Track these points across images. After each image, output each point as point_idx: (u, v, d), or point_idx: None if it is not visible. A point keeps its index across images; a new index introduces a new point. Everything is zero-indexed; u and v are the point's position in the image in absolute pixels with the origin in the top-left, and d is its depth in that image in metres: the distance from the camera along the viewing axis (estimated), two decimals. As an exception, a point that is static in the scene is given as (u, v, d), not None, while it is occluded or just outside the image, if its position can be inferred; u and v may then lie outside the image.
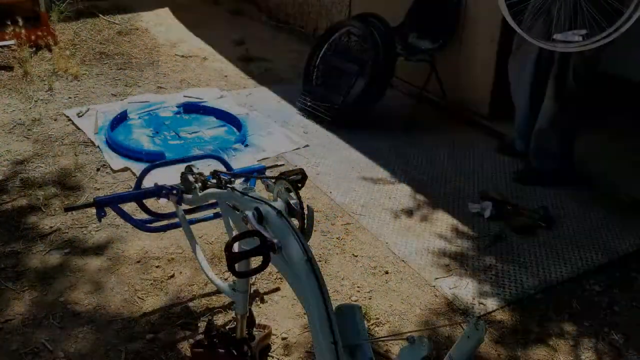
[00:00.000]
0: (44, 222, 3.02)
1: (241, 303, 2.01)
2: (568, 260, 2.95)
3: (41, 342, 2.30)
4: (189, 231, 2.26)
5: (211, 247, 2.91)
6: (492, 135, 4.25)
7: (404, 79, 4.97)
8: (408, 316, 2.55)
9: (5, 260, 2.73)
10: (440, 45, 4.36)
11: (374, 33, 4.16)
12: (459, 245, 3.03)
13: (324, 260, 2.87)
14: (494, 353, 2.39)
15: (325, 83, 4.52)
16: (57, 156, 3.65)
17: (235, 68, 5.31)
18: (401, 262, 2.88)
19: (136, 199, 2.32)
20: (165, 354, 2.27)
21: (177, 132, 4.06)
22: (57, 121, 4.10)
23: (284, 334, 2.41)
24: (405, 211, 3.31)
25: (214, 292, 2.60)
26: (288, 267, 1.36)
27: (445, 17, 4.40)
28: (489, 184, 3.62)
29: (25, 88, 4.55)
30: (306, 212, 1.51)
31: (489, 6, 4.11)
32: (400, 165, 3.80)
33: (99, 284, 2.63)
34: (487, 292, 2.70)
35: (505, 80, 4.22)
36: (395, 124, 4.36)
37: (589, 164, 3.75)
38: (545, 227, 3.18)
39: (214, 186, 1.94)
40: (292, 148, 3.94)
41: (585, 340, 2.48)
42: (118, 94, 4.60)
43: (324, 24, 5.85)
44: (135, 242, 2.91)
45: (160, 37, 5.93)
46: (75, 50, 5.37)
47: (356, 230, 3.12)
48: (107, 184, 3.40)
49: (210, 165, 3.37)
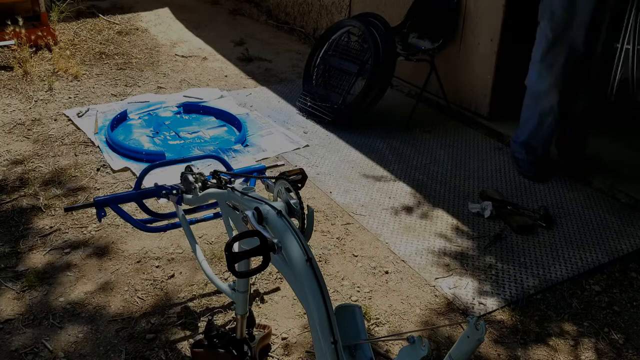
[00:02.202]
0: (44, 222, 3.02)
1: (241, 303, 2.01)
2: (568, 260, 2.95)
3: (41, 342, 2.30)
4: (189, 231, 2.26)
5: (211, 247, 2.91)
6: (492, 136, 4.25)
7: (404, 79, 4.98)
8: (408, 316, 2.55)
9: (5, 260, 2.73)
10: (440, 45, 4.36)
11: (374, 33, 4.16)
12: (459, 245, 3.03)
13: (324, 260, 2.87)
14: (494, 353, 2.39)
15: (325, 83, 4.52)
16: (57, 156, 3.65)
17: (235, 68, 5.31)
18: (401, 262, 2.88)
19: (136, 199, 2.32)
20: (165, 354, 2.27)
21: (177, 132, 4.06)
22: (57, 121, 4.11)
23: (284, 334, 2.41)
24: (405, 211, 3.31)
25: (214, 292, 2.60)
26: (288, 267, 1.36)
27: (445, 17, 4.40)
28: (489, 184, 3.62)
29: (25, 88, 4.55)
30: (306, 212, 1.51)
31: (489, 6, 4.12)
32: (400, 165, 3.80)
33: (98, 284, 2.63)
34: (487, 292, 2.70)
35: (505, 80, 4.23)
36: (395, 124, 4.36)
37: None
38: (545, 227, 3.18)
39: (214, 186, 1.94)
40: (292, 148, 3.94)
41: (585, 340, 2.48)
42: (118, 94, 4.60)
43: (324, 24, 5.86)
44: (135, 242, 2.91)
45: (160, 37, 5.93)
46: (75, 50, 5.37)
47: (356, 230, 3.12)
48: (107, 184, 3.40)
49: (210, 165, 3.40)
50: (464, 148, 4.07)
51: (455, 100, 4.57)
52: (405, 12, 4.61)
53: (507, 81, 4.25)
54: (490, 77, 4.25)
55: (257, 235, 1.36)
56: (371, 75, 4.13)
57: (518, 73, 3.71)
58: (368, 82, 4.14)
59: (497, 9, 4.07)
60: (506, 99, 4.32)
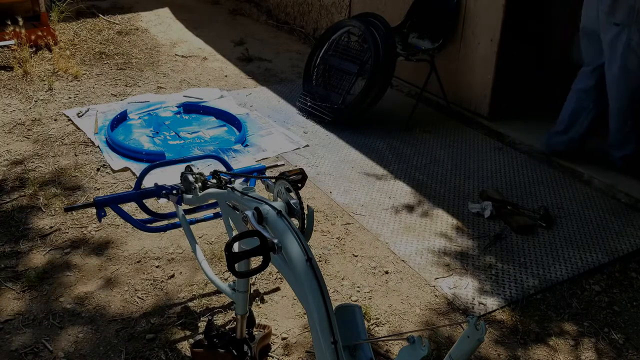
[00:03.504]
0: (44, 222, 3.02)
1: (241, 303, 2.01)
2: (568, 260, 2.95)
3: (41, 342, 2.30)
4: (189, 231, 2.26)
5: (211, 247, 2.91)
6: (492, 136, 4.25)
7: (404, 79, 4.98)
8: (408, 316, 2.55)
9: (5, 260, 2.73)
10: (440, 45, 4.36)
11: (374, 33, 4.16)
12: (459, 245, 3.03)
13: (324, 260, 2.87)
14: (494, 353, 2.39)
15: (325, 83, 4.52)
16: (57, 156, 3.65)
17: (235, 68, 5.31)
18: (401, 262, 2.88)
19: (136, 199, 2.32)
20: (165, 354, 2.27)
21: (177, 132, 4.06)
22: (57, 121, 4.11)
23: (284, 334, 2.41)
24: (405, 211, 3.31)
25: (214, 292, 2.60)
26: (288, 267, 1.36)
27: (445, 17, 4.40)
28: (489, 184, 3.62)
29: (25, 88, 4.55)
30: (306, 212, 1.51)
31: (489, 6, 4.12)
32: (400, 165, 3.80)
33: (98, 284, 2.63)
34: (487, 292, 2.70)
35: (505, 80, 4.23)
36: (395, 124, 4.36)
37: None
38: (545, 227, 3.18)
39: (214, 186, 1.94)
40: (292, 148, 3.94)
41: (585, 340, 2.48)
42: (118, 94, 4.60)
43: (324, 24, 5.86)
44: (135, 242, 2.91)
45: (160, 37, 5.93)
46: (75, 50, 5.37)
47: (356, 230, 3.12)
48: (107, 184, 3.40)
49: (210, 165, 3.40)
50: (464, 148, 4.07)
51: (455, 100, 4.57)
52: (405, 12, 4.61)
53: (507, 81, 4.25)
54: (490, 77, 4.25)
55: (257, 235, 1.36)
56: (371, 75, 4.13)
57: (518, 73, 3.71)
58: (368, 82, 4.14)
59: (497, 9, 4.07)
60: (506, 99, 4.33)
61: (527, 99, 4.57)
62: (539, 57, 4.57)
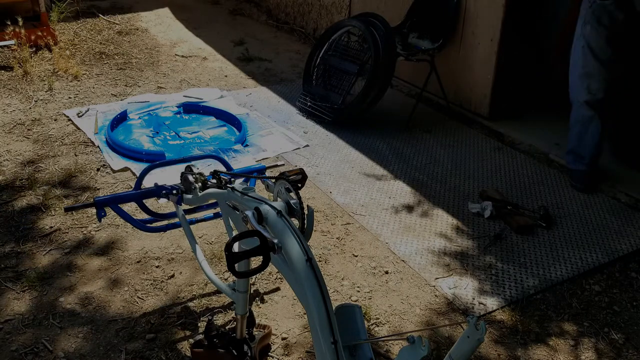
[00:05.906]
0: (44, 222, 3.02)
1: (241, 303, 2.01)
2: (568, 260, 2.95)
3: (41, 342, 2.30)
4: (189, 231, 2.26)
5: (211, 247, 2.91)
6: (492, 135, 4.25)
7: (404, 79, 4.98)
8: (408, 316, 2.55)
9: (5, 260, 2.73)
10: (440, 45, 4.36)
11: (374, 33, 4.16)
12: (459, 245, 3.03)
13: (324, 260, 2.87)
14: (494, 353, 2.39)
15: (325, 83, 4.52)
16: (57, 156, 3.65)
17: (235, 68, 5.31)
18: (401, 262, 2.88)
19: (136, 199, 2.32)
20: (165, 354, 2.27)
21: (177, 132, 4.06)
22: (57, 121, 4.11)
23: (284, 334, 2.41)
24: (405, 211, 3.31)
25: (214, 292, 2.60)
26: (288, 267, 1.36)
27: (445, 16, 4.41)
28: (489, 184, 3.62)
29: (25, 88, 4.55)
30: (306, 212, 1.51)
31: (489, 6, 4.12)
32: (400, 165, 3.80)
33: (99, 284, 2.63)
34: (487, 292, 2.70)
35: (505, 80, 4.23)
36: (395, 124, 4.36)
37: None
38: (545, 227, 3.18)
39: (214, 186, 1.94)
40: (292, 148, 3.94)
41: (585, 340, 2.48)
42: (118, 94, 4.60)
43: (324, 24, 5.86)
44: (135, 242, 2.91)
45: (160, 37, 5.93)
46: (75, 50, 5.37)
47: (356, 230, 3.12)
48: (107, 184, 3.40)
49: (210, 165, 3.40)
50: (464, 148, 4.08)
51: (455, 100, 4.57)
52: (405, 12, 4.61)
53: (507, 81, 4.26)
54: (490, 77, 4.25)
55: (257, 235, 1.36)
56: (371, 75, 4.13)
57: (518, 73, 3.71)
58: (368, 82, 4.14)
59: (497, 9, 4.07)
60: (506, 99, 4.33)
61: (527, 99, 4.57)
62: (539, 57, 4.57)
